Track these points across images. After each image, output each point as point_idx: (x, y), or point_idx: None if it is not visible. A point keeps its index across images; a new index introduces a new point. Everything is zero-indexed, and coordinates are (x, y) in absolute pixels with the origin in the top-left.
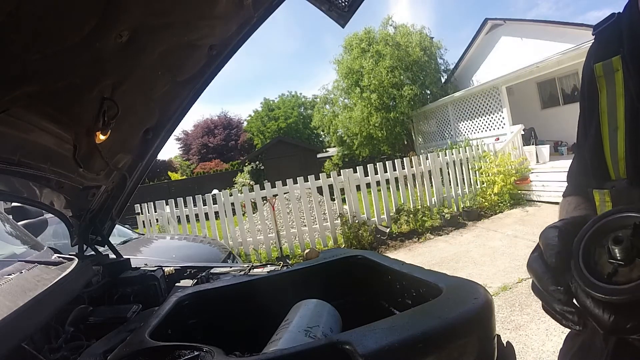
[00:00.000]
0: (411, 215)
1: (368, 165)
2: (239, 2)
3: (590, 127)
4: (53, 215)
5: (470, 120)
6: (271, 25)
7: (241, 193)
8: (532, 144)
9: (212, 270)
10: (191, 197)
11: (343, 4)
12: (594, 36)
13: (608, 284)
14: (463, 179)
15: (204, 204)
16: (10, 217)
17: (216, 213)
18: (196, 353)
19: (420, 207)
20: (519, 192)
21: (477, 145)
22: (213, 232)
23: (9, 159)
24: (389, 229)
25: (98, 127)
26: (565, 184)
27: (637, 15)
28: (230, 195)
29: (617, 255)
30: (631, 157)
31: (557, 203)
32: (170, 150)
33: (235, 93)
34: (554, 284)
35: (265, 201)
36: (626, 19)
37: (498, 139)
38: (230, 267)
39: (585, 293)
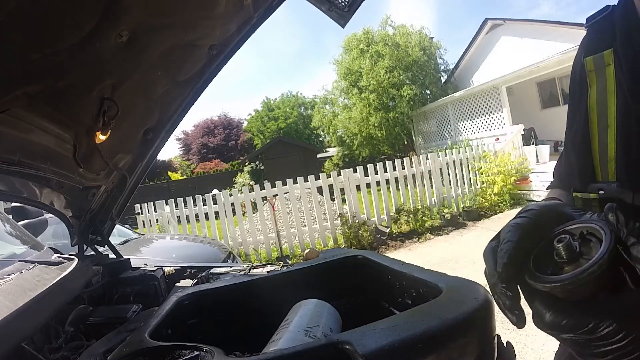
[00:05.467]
0: (411, 215)
1: (368, 165)
2: (239, 2)
3: (578, 125)
4: (53, 215)
5: (470, 120)
6: (271, 25)
7: (241, 193)
8: (532, 144)
9: (212, 270)
10: (191, 197)
11: (343, 4)
12: (586, 29)
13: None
14: (463, 179)
15: (204, 204)
16: (10, 217)
17: (216, 213)
18: (196, 353)
19: (420, 207)
20: (519, 192)
21: (477, 145)
22: (213, 232)
23: (9, 159)
24: (389, 229)
25: (98, 127)
26: None
27: (631, 7)
28: (230, 195)
29: (562, 253)
30: (623, 158)
31: None
32: (170, 150)
33: (235, 93)
34: (501, 286)
35: (265, 201)
36: (620, 11)
37: (498, 139)
38: (230, 267)
39: (530, 293)
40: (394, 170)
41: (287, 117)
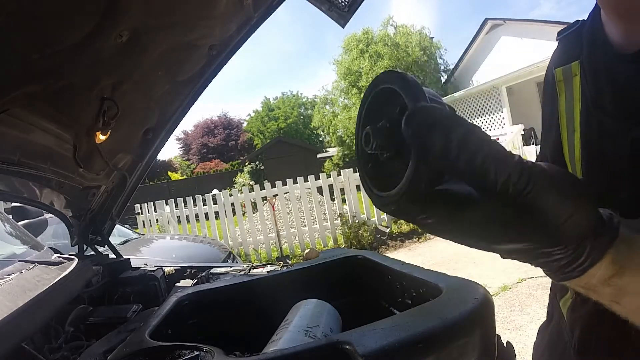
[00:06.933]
0: None
1: None
2: (239, 2)
3: (550, 130)
4: (53, 215)
5: (471, 120)
6: (272, 25)
7: (241, 193)
8: (532, 144)
9: (212, 270)
10: (191, 197)
11: (343, 4)
12: (557, 41)
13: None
14: None
15: (204, 204)
16: (10, 217)
17: (216, 213)
18: (196, 353)
19: None
20: None
21: None
22: (213, 232)
23: (9, 159)
24: (389, 229)
25: (98, 127)
26: None
27: (598, 23)
28: (230, 195)
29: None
30: (585, 160)
31: None
32: (170, 150)
33: (235, 93)
34: None
35: (265, 201)
36: (588, 26)
37: (498, 139)
38: (230, 267)
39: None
40: None
41: (287, 117)
